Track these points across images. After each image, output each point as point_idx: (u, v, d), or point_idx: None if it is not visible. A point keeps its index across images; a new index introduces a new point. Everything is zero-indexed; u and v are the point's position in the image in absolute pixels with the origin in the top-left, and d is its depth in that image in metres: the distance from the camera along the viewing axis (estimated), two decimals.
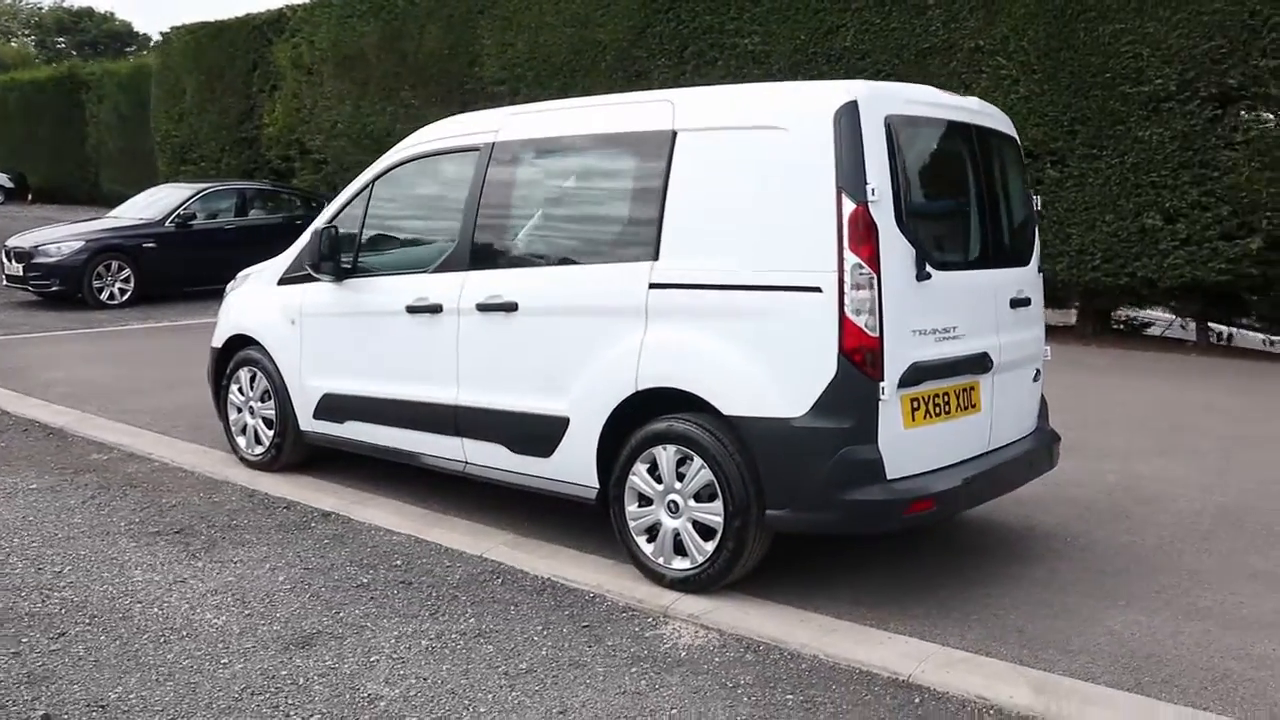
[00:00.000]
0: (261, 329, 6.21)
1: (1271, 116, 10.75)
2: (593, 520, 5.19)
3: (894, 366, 4.13)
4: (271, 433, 6.23)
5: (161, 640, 4.13)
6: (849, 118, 4.12)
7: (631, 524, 4.64)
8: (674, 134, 4.53)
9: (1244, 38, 10.66)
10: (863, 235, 4.04)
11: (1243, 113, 10.90)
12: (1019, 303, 4.86)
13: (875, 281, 4.06)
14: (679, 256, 4.45)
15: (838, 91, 4.21)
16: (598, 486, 4.77)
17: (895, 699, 3.76)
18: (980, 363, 4.57)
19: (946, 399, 4.40)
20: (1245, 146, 10.75)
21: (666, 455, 4.49)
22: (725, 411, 4.30)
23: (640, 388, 4.52)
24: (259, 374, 6.25)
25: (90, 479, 6.25)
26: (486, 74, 16.80)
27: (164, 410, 7.94)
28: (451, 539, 5.23)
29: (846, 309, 4.05)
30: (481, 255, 5.13)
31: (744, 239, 4.31)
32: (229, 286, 6.79)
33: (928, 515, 4.27)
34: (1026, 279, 4.98)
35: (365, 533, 5.36)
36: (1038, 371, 5.09)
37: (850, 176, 4.07)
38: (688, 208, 4.45)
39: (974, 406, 4.57)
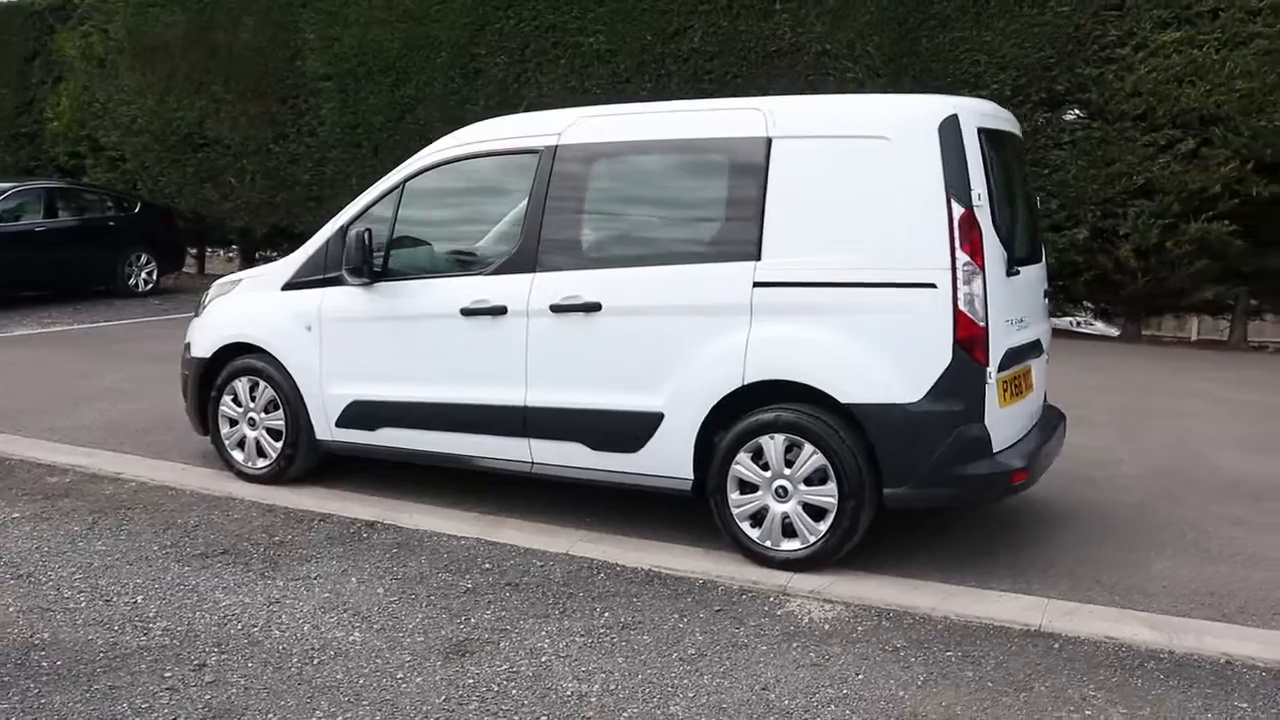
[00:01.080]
0: (268, 336, 5.94)
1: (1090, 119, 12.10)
2: (654, 510, 5.40)
3: (995, 353, 4.58)
4: (280, 444, 5.98)
5: (315, 662, 3.99)
6: (951, 129, 4.52)
7: (735, 511, 4.86)
8: (769, 141, 4.77)
9: (1070, 48, 11.92)
10: (970, 236, 4.46)
11: (1068, 115, 12.21)
12: (1046, 294, 5.44)
13: (981, 277, 4.49)
14: (782, 256, 4.71)
15: (938, 105, 4.61)
16: (692, 478, 4.95)
17: (1037, 646, 4.18)
18: (1035, 348, 5.10)
19: (1019, 382, 4.89)
20: (1072, 146, 12.04)
21: (775, 443, 4.74)
22: (842, 400, 4.60)
23: (748, 381, 4.74)
24: (262, 383, 5.98)
25: (74, 504, 5.78)
26: (310, 69, 16.21)
27: (93, 426, 7.39)
28: (523, 539, 5.25)
29: (959, 303, 4.45)
30: (551, 257, 5.17)
31: (850, 239, 4.62)
32: (208, 295, 6.43)
33: (1022, 485, 4.74)
34: (1045, 273, 5.56)
35: (427, 539, 5.28)
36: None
37: (957, 183, 4.47)
38: (788, 211, 4.71)
39: (1030, 388, 5.09)
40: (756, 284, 4.73)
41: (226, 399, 6.11)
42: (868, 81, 12.94)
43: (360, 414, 5.70)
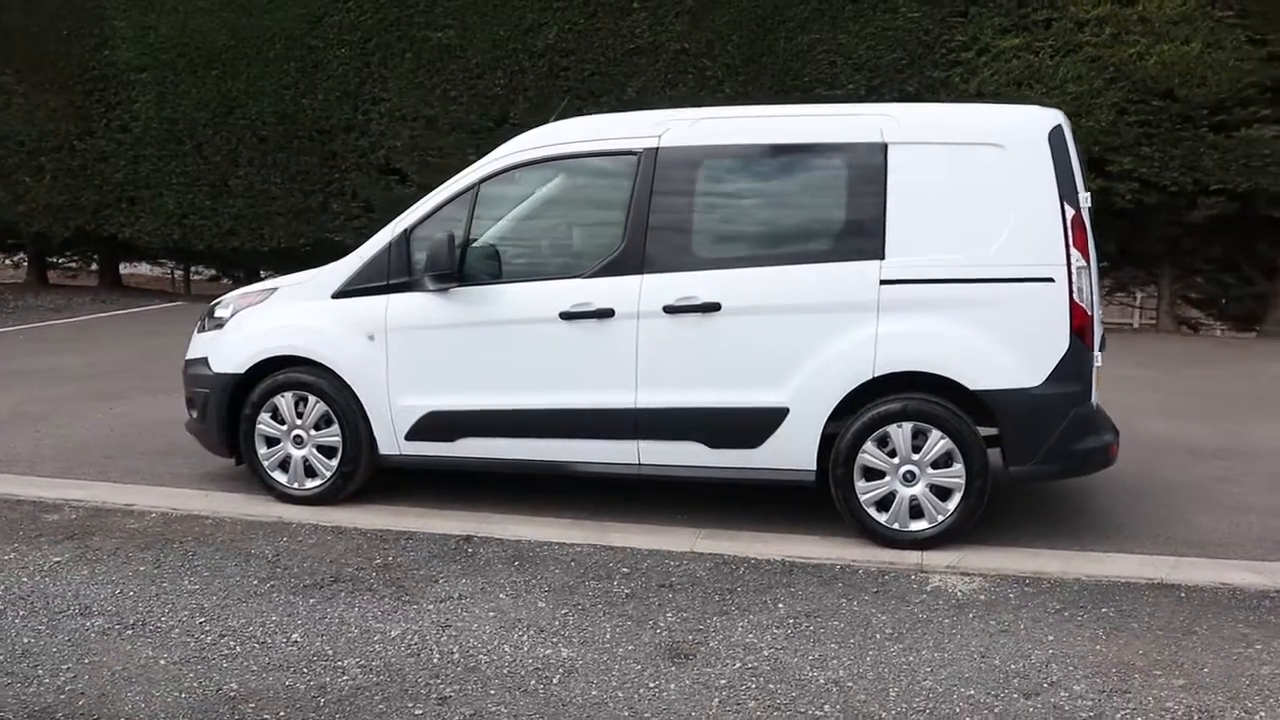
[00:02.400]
0: (322, 348, 5.59)
1: None
2: (736, 503, 5.63)
3: (1097, 340, 5.05)
4: (335, 461, 5.65)
5: (554, 681, 3.89)
6: (1059, 137, 4.95)
7: (863, 497, 5.09)
8: (886, 146, 5.02)
9: (920, 51, 12.84)
10: (1080, 235, 4.90)
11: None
12: None
13: (1088, 272, 4.94)
14: (905, 255, 4.97)
15: (1045, 115, 5.03)
16: (815, 469, 5.14)
17: (1168, 597, 4.66)
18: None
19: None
20: None
21: (903, 431, 5.00)
22: (972, 387, 4.92)
23: (877, 374, 4.98)
24: (312, 398, 5.63)
25: (109, 542, 5.24)
26: (121, 59, 14.99)
27: (41, 455, 6.68)
28: (640, 541, 5.26)
29: (1075, 295, 4.88)
30: (660, 258, 5.19)
31: (970, 239, 4.94)
32: (224, 307, 5.96)
33: (1114, 458, 5.23)
34: None
35: (541, 549, 5.18)
36: None
37: (1068, 187, 4.90)
38: (908, 213, 4.98)
39: None
40: (883, 281, 4.97)
41: (264, 416, 5.71)
42: (727, 80, 13.40)
43: (437, 425, 5.49)
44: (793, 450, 5.13)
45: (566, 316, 5.25)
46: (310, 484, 5.71)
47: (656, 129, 5.30)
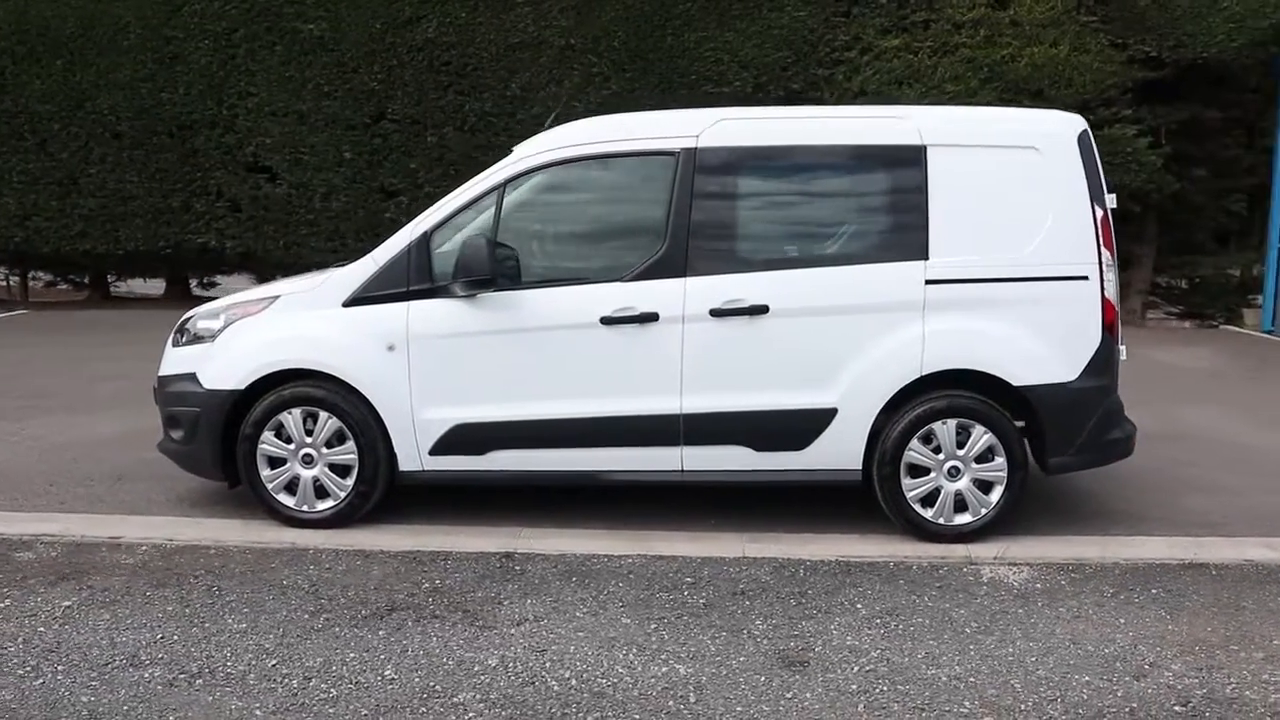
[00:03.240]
0: (336, 360, 5.24)
1: None
2: (761, 505, 5.64)
3: (1121, 334, 5.29)
4: (349, 481, 5.32)
5: (691, 700, 3.77)
6: (1086, 141, 5.16)
7: (909, 494, 5.17)
8: (924, 148, 5.11)
9: (805, 50, 13.15)
10: (1107, 235, 5.13)
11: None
12: None
13: (1115, 270, 5.17)
14: (947, 255, 5.08)
15: (1073, 120, 5.23)
16: (861, 468, 5.18)
17: (1204, 575, 4.94)
18: None
19: None
20: None
21: (947, 428, 5.11)
22: (1015, 383, 5.07)
23: (925, 372, 5.06)
24: (323, 414, 5.27)
25: (115, 581, 4.76)
26: None
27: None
28: (688, 549, 5.17)
29: (1106, 291, 5.10)
30: (702, 261, 5.11)
31: (1007, 238, 5.10)
32: (211, 318, 5.50)
33: (1134, 448, 5.48)
34: None
35: (593, 562, 5.02)
36: None
37: (1096, 189, 5.12)
38: (948, 214, 5.08)
39: None
40: (928, 281, 5.06)
41: (268, 435, 5.31)
42: (613, 76, 13.36)
43: (466, 438, 5.24)
44: (840, 450, 5.15)
45: (608, 321, 5.11)
46: (322, 506, 5.35)
47: (692, 129, 5.21)
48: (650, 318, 5.10)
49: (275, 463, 5.35)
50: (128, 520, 5.52)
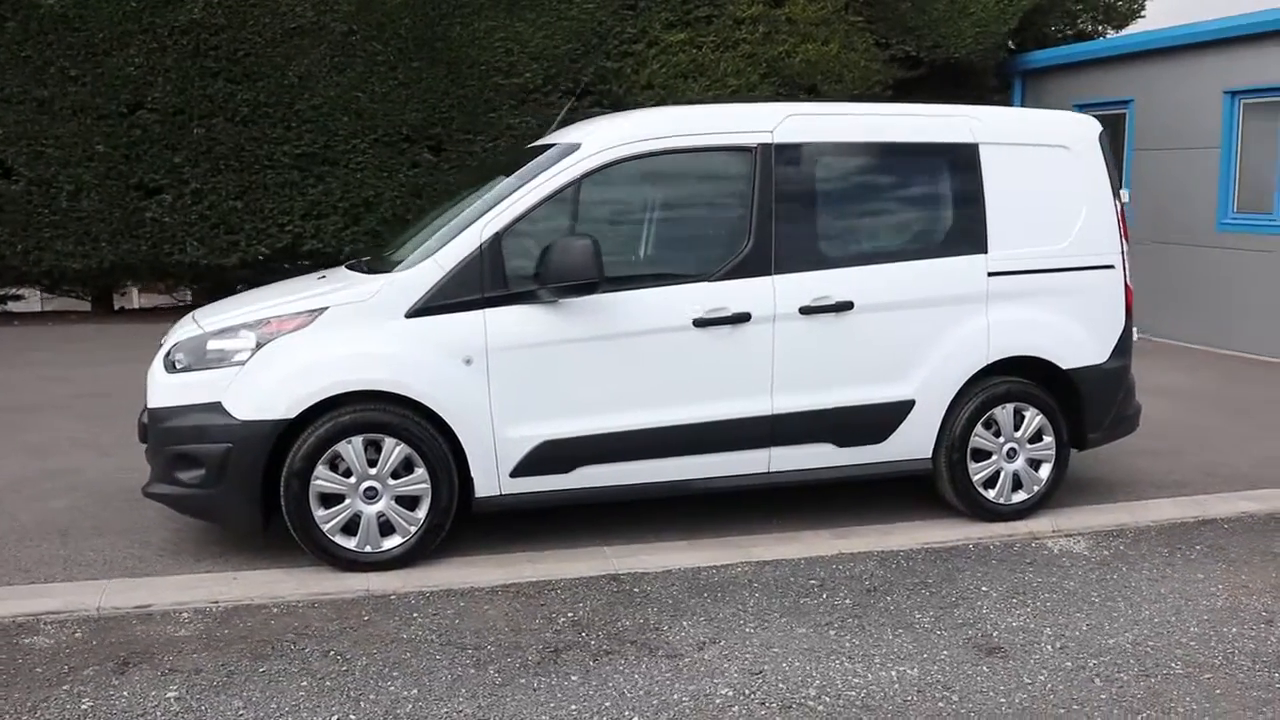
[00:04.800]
0: (407, 377, 4.62)
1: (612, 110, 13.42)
2: (793, 501, 5.68)
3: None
4: (420, 513, 4.73)
5: (940, 701, 3.77)
6: (1104, 140, 5.61)
7: (975, 478, 5.39)
8: (977, 146, 5.33)
9: (594, 42, 13.12)
10: (1124, 226, 5.61)
11: (593, 106, 13.39)
12: None
13: (1129, 258, 5.67)
14: (1003, 248, 5.35)
15: (1091, 121, 5.65)
16: (931, 456, 5.33)
17: (1218, 529, 5.55)
18: None
19: None
20: None
21: (1006, 412, 5.38)
22: (1064, 366, 5.42)
23: (990, 360, 5.30)
24: (389, 440, 4.66)
25: (188, 660, 3.96)
26: None
27: None
28: (785, 551, 5.10)
29: (1126, 278, 5.58)
30: (787, 258, 5.03)
31: (1049, 231, 5.46)
32: (230, 337, 4.67)
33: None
34: None
35: (709, 576, 4.82)
36: None
37: (1115, 184, 5.58)
38: (1001, 208, 5.36)
39: None
40: (990, 273, 5.29)
41: (321, 470, 4.62)
42: (399, 65, 12.68)
43: (553, 456, 4.83)
44: (915, 440, 5.28)
45: (700, 323, 4.91)
46: (388, 544, 4.74)
47: (765, 123, 5.11)
48: (743, 318, 4.95)
49: (330, 501, 4.66)
50: (140, 584, 4.61)
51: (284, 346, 4.65)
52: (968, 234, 5.33)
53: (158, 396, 4.76)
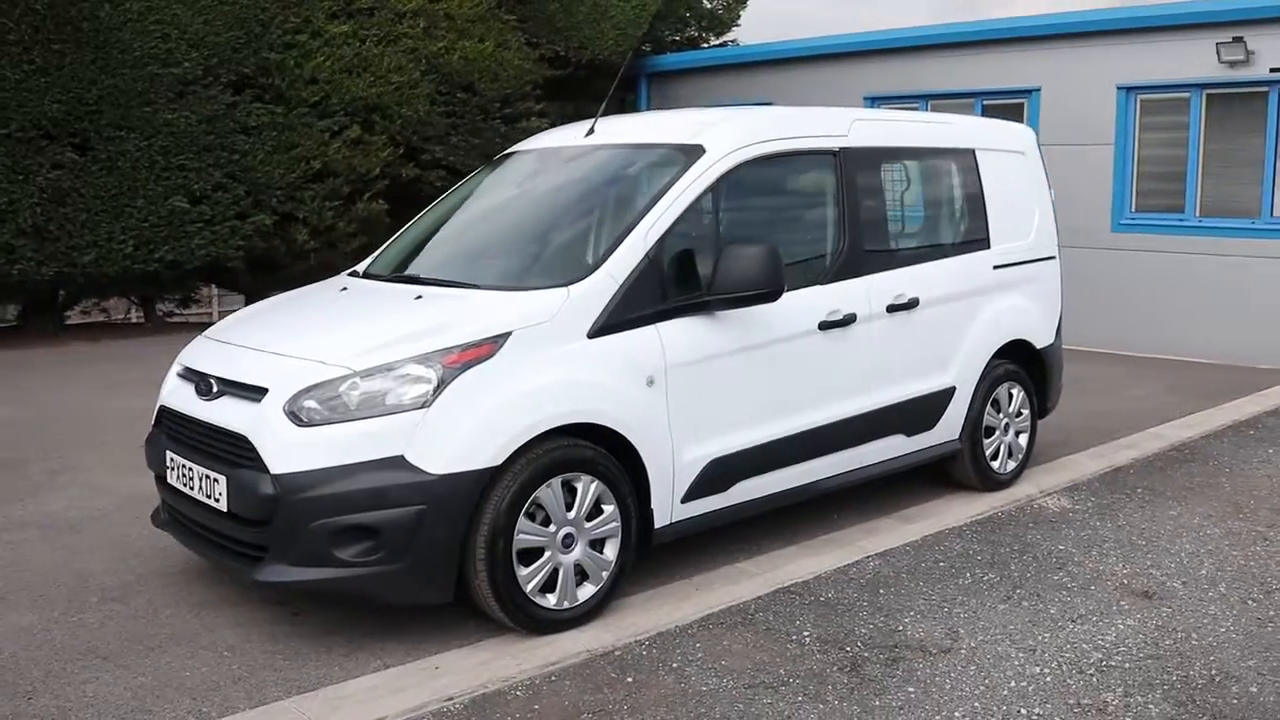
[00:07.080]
0: (607, 405, 4.08)
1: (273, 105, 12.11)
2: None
3: None
4: (608, 555, 4.21)
5: (1166, 645, 4.23)
6: (1038, 144, 6.39)
7: (987, 452, 5.92)
8: (974, 151, 5.86)
9: (257, 31, 11.87)
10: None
11: (255, 102, 12.00)
12: None
13: None
14: (999, 244, 5.97)
15: (1028, 128, 6.38)
16: (958, 437, 5.78)
17: (1153, 466, 6.57)
18: None
19: None
20: (257, 132, 11.97)
21: (1004, 391, 6.02)
22: (1038, 346, 6.14)
23: (1001, 344, 5.89)
24: (585, 479, 4.09)
25: None
26: None
27: None
28: (878, 543, 5.19)
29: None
30: (871, 259, 5.18)
31: (1019, 226, 6.13)
32: (376, 382, 3.79)
33: None
34: None
35: (851, 572, 4.84)
36: None
37: (1048, 184, 6.40)
38: (994, 206, 5.93)
39: None
40: (994, 266, 5.86)
41: (523, 522, 3.96)
42: (35, 47, 10.52)
43: (718, 475, 4.55)
44: (953, 424, 5.71)
45: (824, 326, 4.91)
46: (583, 595, 4.17)
47: (838, 127, 5.22)
48: (851, 319, 5.04)
49: (529, 556, 4.00)
50: (327, 699, 3.58)
51: (479, 381, 3.90)
52: (979, 231, 5.87)
53: (289, 459, 3.75)
